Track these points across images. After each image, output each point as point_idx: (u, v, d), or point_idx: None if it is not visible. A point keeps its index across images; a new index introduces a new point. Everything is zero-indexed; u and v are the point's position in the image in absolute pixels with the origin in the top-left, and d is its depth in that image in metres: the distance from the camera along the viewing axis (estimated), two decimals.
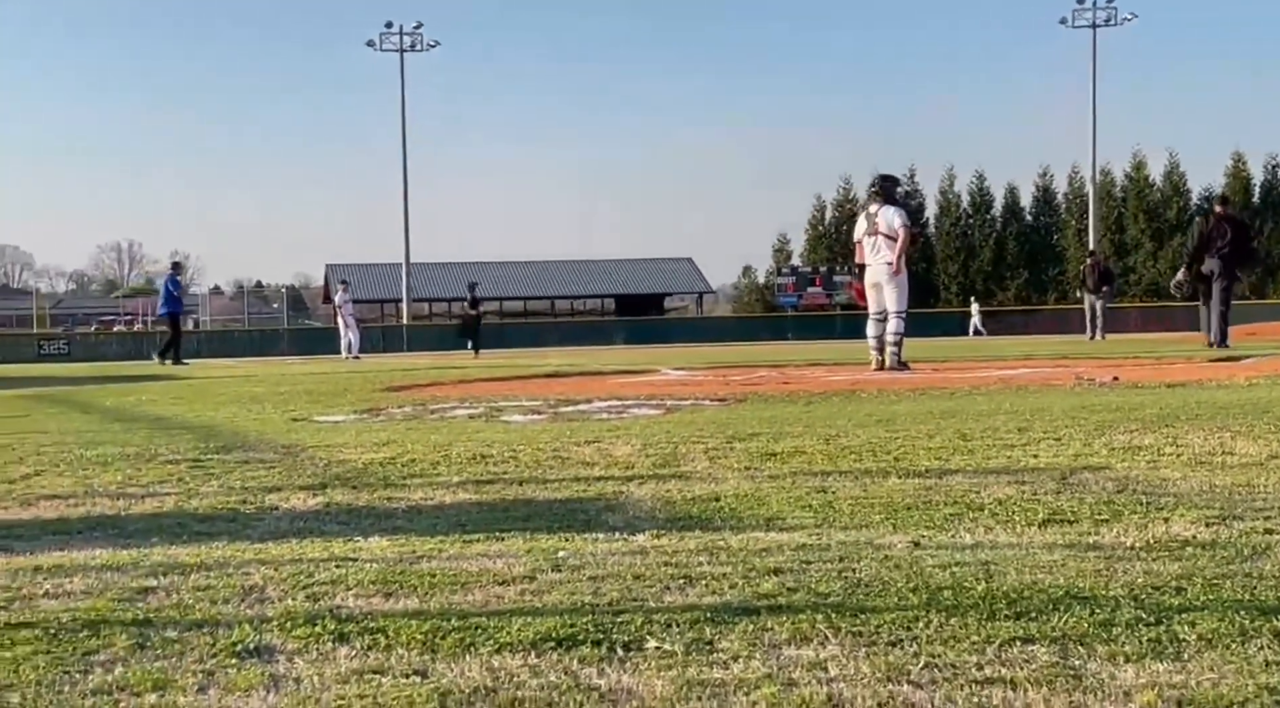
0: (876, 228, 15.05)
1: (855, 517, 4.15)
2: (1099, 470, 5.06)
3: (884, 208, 15.12)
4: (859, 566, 3.34)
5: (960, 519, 4.04)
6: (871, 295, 15.17)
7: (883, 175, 15.66)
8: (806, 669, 2.43)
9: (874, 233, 15.08)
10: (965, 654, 2.49)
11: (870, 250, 15.13)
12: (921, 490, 4.65)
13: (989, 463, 5.39)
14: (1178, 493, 4.46)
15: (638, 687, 2.36)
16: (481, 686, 2.39)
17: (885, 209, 15.10)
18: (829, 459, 5.63)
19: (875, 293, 15.10)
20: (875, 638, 2.62)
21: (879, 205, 15.20)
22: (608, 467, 5.65)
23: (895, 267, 14.84)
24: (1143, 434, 6.23)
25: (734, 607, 2.92)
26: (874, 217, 15.12)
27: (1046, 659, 2.45)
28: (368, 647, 2.69)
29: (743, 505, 4.47)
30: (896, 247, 14.86)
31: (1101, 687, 2.28)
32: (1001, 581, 3.11)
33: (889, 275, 14.89)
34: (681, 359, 21.95)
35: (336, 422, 9.07)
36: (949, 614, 2.77)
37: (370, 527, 4.25)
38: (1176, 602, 2.86)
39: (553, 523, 4.19)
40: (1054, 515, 4.05)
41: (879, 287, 15.04)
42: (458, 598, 3.13)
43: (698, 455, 5.89)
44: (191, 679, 2.49)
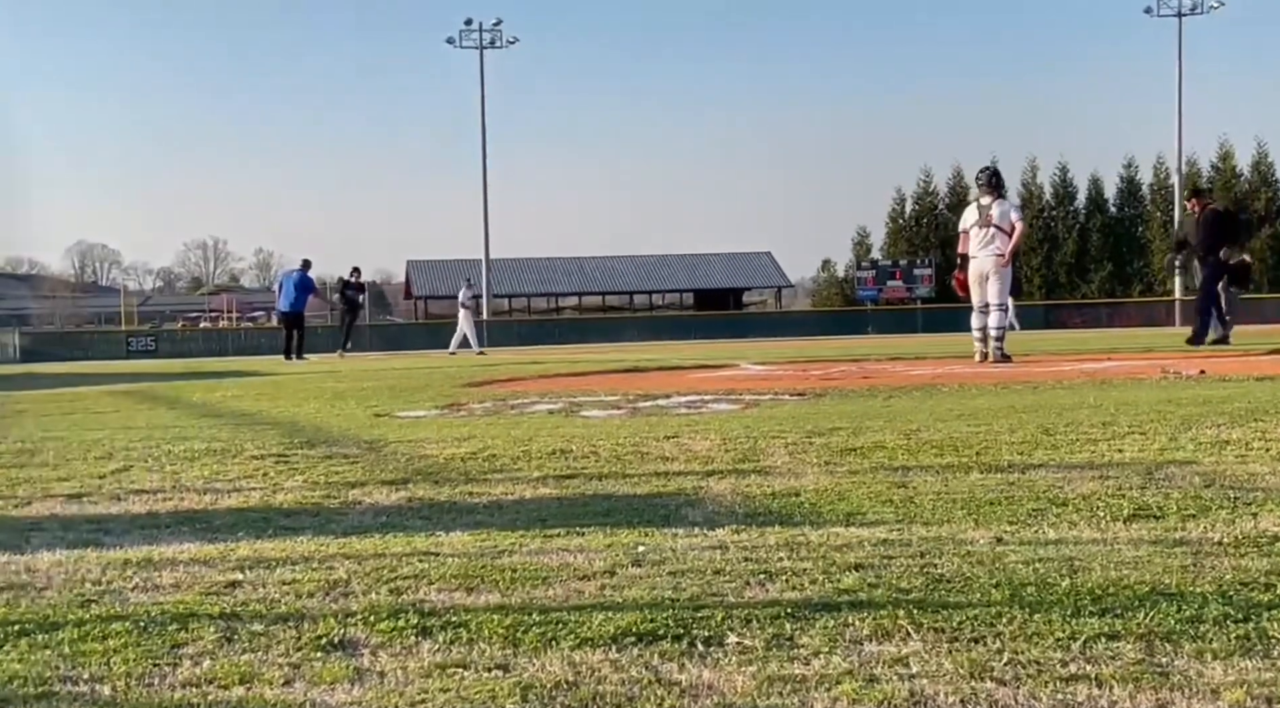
0: (990, 219, 14.98)
1: (936, 512, 4.12)
2: (1185, 465, 4.99)
3: (998, 201, 15.14)
4: (940, 561, 3.32)
5: (1043, 515, 4.01)
6: (977, 287, 15.14)
7: (993, 168, 15.68)
8: (888, 665, 2.42)
9: (986, 224, 15.01)
10: (1049, 651, 2.47)
11: (979, 242, 15.07)
12: (1004, 486, 4.61)
13: (1073, 458, 5.33)
14: (1266, 488, 4.39)
15: (718, 682, 2.36)
16: (563, 680, 2.40)
17: (1000, 202, 15.14)
18: (909, 454, 5.59)
19: (981, 285, 15.07)
20: (958, 634, 2.61)
21: (991, 197, 15.15)
22: (687, 462, 5.65)
23: (1005, 259, 14.88)
24: (1230, 428, 6.13)
25: (814, 602, 2.92)
26: (987, 208, 15.05)
27: (1132, 656, 2.42)
28: (450, 641, 2.71)
29: (822, 501, 4.45)
30: (1012, 240, 14.89)
31: (1189, 684, 2.25)
32: (1086, 577, 3.07)
33: (997, 267, 14.88)
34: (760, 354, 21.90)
35: (418, 417, 9.14)
36: (1032, 611, 2.75)
37: (452, 521, 4.29)
38: (1266, 599, 2.81)
39: (632, 518, 4.21)
40: (1140, 511, 4.00)
41: (985, 278, 15.00)
42: (538, 593, 3.15)
43: (777, 450, 5.88)
44: (278, 673, 2.53)
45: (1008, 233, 14.88)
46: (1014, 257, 15.15)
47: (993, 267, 14.90)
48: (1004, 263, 14.88)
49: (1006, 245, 14.86)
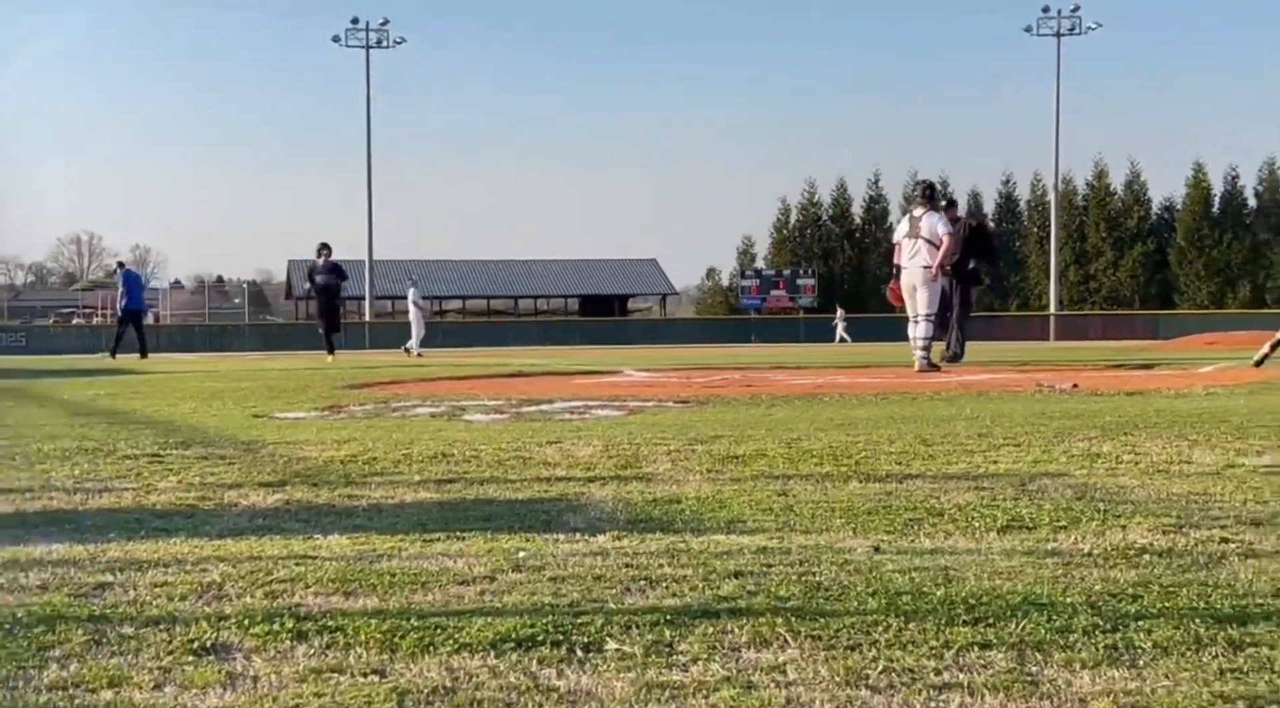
0: (918, 231, 15.51)
1: (816, 521, 4.16)
2: (1058, 477, 5.09)
3: (928, 213, 15.61)
4: (819, 570, 3.35)
5: (920, 525, 4.06)
6: (909, 299, 15.66)
7: (929, 182, 16.44)
8: (765, 673, 2.44)
9: (915, 236, 15.55)
10: (923, 659, 2.50)
11: (908, 253, 15.61)
12: (882, 495, 4.67)
13: (949, 468, 5.42)
14: (1135, 501, 4.50)
15: (597, 688, 2.36)
16: (440, 686, 2.38)
17: (930, 215, 15.59)
18: (790, 463, 5.64)
19: (911, 295, 15.59)
20: (834, 642, 2.63)
21: (924, 210, 15.69)
22: (569, 467, 5.64)
23: (933, 272, 15.36)
24: (1101, 442, 6.27)
25: (694, 609, 2.93)
26: (917, 220, 15.60)
27: (1004, 665, 2.46)
28: (326, 645, 2.68)
29: (704, 508, 4.47)
30: (939, 253, 15.36)
31: (1058, 693, 2.29)
32: (960, 586, 3.12)
33: (924, 279, 15.38)
34: (645, 360, 21.96)
35: (297, 418, 9.03)
36: (908, 619, 2.79)
37: (330, 525, 4.24)
38: (1133, 609, 2.88)
39: (514, 523, 4.19)
40: (1013, 522, 4.07)
41: (914, 289, 15.52)
42: (417, 598, 3.12)
43: (660, 457, 5.90)
44: (147, 676, 2.48)
45: (936, 246, 15.34)
46: (941, 269, 15.60)
47: (920, 279, 15.39)
48: (931, 276, 15.35)
49: (934, 258, 15.34)
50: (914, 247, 15.54)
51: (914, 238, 15.57)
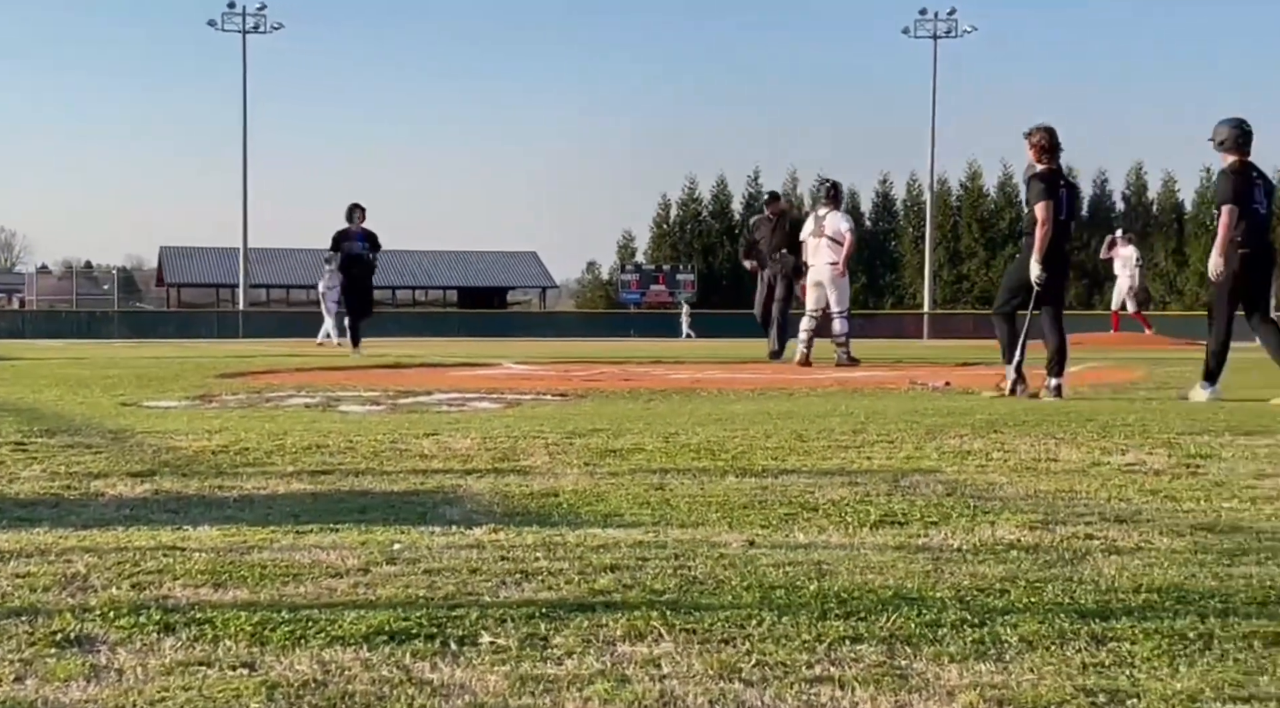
0: (823, 230, 15.93)
1: (692, 515, 4.18)
2: (930, 474, 5.17)
3: (832, 212, 16.09)
4: (694, 564, 3.37)
5: (795, 519, 4.10)
6: (811, 294, 16.08)
7: (833, 181, 16.80)
8: (640, 666, 2.44)
9: (819, 235, 15.97)
10: (796, 653, 2.52)
11: (813, 251, 16.03)
12: (758, 490, 4.71)
13: (824, 464, 5.48)
14: (1004, 497, 4.59)
15: (471, 682, 2.35)
16: (311, 679, 2.35)
17: (833, 214, 16.06)
18: (667, 457, 5.66)
19: (816, 292, 16.03)
20: (709, 636, 2.65)
21: (828, 209, 16.18)
22: (446, 460, 5.61)
23: (840, 268, 15.76)
24: (972, 439, 6.38)
25: (569, 603, 2.93)
26: (821, 219, 16.03)
27: (874, 659, 2.49)
28: (194, 638, 2.63)
29: (581, 502, 4.47)
30: (843, 250, 15.77)
31: (926, 686, 2.33)
32: (833, 581, 3.16)
33: (832, 276, 15.79)
34: (523, 353, 21.90)
35: (167, 407, 8.86)
36: (781, 613, 2.81)
37: (200, 516, 4.16)
38: (1000, 604, 2.93)
39: (388, 515, 4.15)
40: (886, 517, 4.13)
41: (821, 286, 15.95)
42: (289, 590, 3.09)
43: (537, 451, 5.88)
44: (8, 669, 2.41)
45: (839, 243, 15.78)
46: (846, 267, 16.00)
47: (828, 276, 15.84)
48: (839, 272, 15.77)
49: (838, 255, 15.75)
50: (818, 245, 15.96)
51: (819, 236, 15.97)
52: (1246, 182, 9.92)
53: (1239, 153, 9.97)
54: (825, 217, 16.02)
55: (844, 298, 16.02)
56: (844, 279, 16.01)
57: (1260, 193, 9.97)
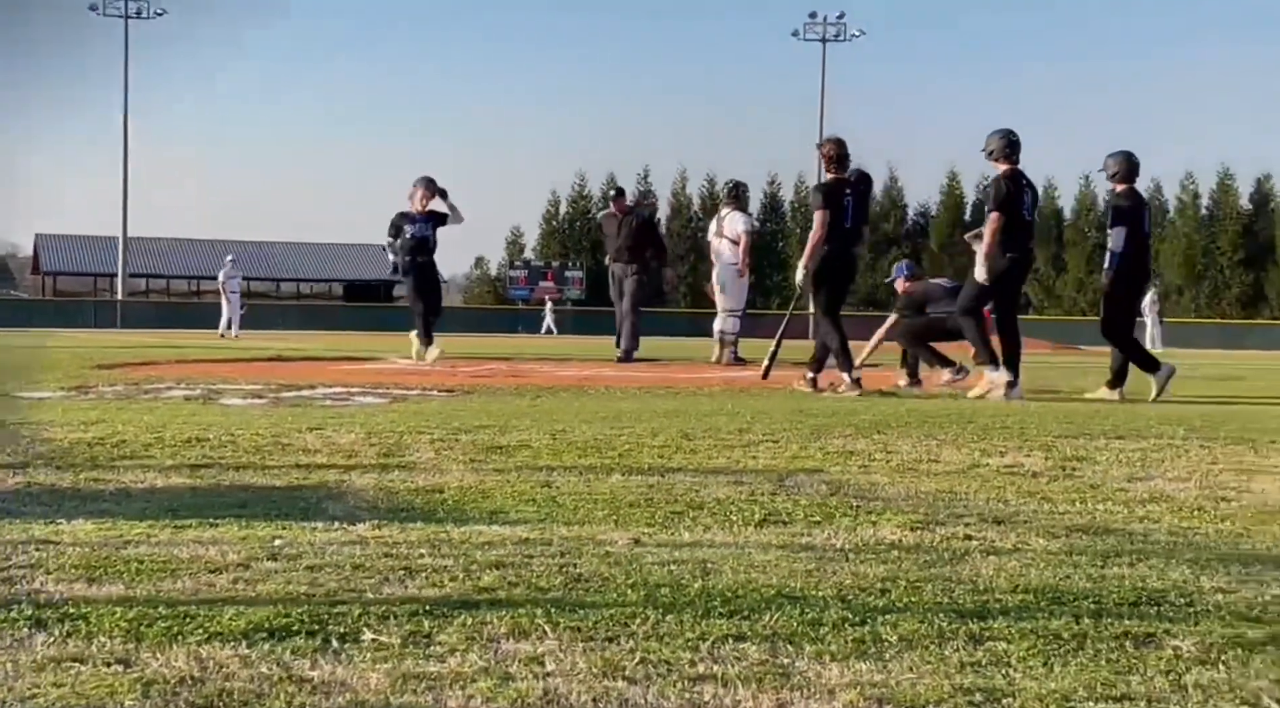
0: (723, 231, 16.13)
1: (578, 512, 4.18)
2: (814, 473, 5.22)
3: (733, 213, 16.19)
4: (580, 561, 3.37)
5: (680, 518, 4.12)
6: (716, 294, 16.26)
7: (736, 182, 16.88)
8: (524, 664, 2.43)
9: (720, 235, 16.19)
10: (680, 651, 2.53)
11: (715, 252, 16.34)
12: (644, 488, 4.72)
13: (710, 463, 5.51)
14: (886, 498, 4.64)
15: (352, 679, 2.32)
16: (188, 676, 2.31)
17: (734, 214, 16.17)
18: (554, 454, 5.66)
19: (718, 291, 16.17)
20: (593, 634, 2.65)
21: (729, 210, 16.30)
22: (330, 455, 5.55)
23: (740, 268, 15.87)
24: (856, 439, 6.46)
25: (453, 600, 2.91)
26: (722, 220, 16.22)
27: (757, 657, 2.51)
28: (67, 634, 2.58)
29: (466, 498, 4.45)
30: (739, 250, 15.85)
31: (808, 685, 2.35)
32: (718, 579, 3.18)
33: (731, 276, 15.94)
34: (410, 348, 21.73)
35: (41, 398, 8.66)
36: (666, 611, 2.82)
37: (74, 509, 4.07)
38: (881, 603, 2.97)
39: (270, 510, 4.10)
40: (770, 516, 4.16)
41: (723, 286, 16.08)
42: (166, 585, 3.03)
43: (423, 446, 5.84)
44: None
45: (736, 243, 15.93)
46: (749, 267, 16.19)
47: (727, 276, 16.00)
48: (739, 272, 15.90)
49: (737, 255, 15.89)
50: (719, 245, 16.17)
51: (720, 237, 16.18)
52: (1017, 189, 10.57)
53: (1008, 161, 10.63)
54: (726, 217, 16.15)
55: (737, 298, 16.12)
56: (742, 280, 16.10)
57: (1028, 200, 10.69)
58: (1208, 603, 3.03)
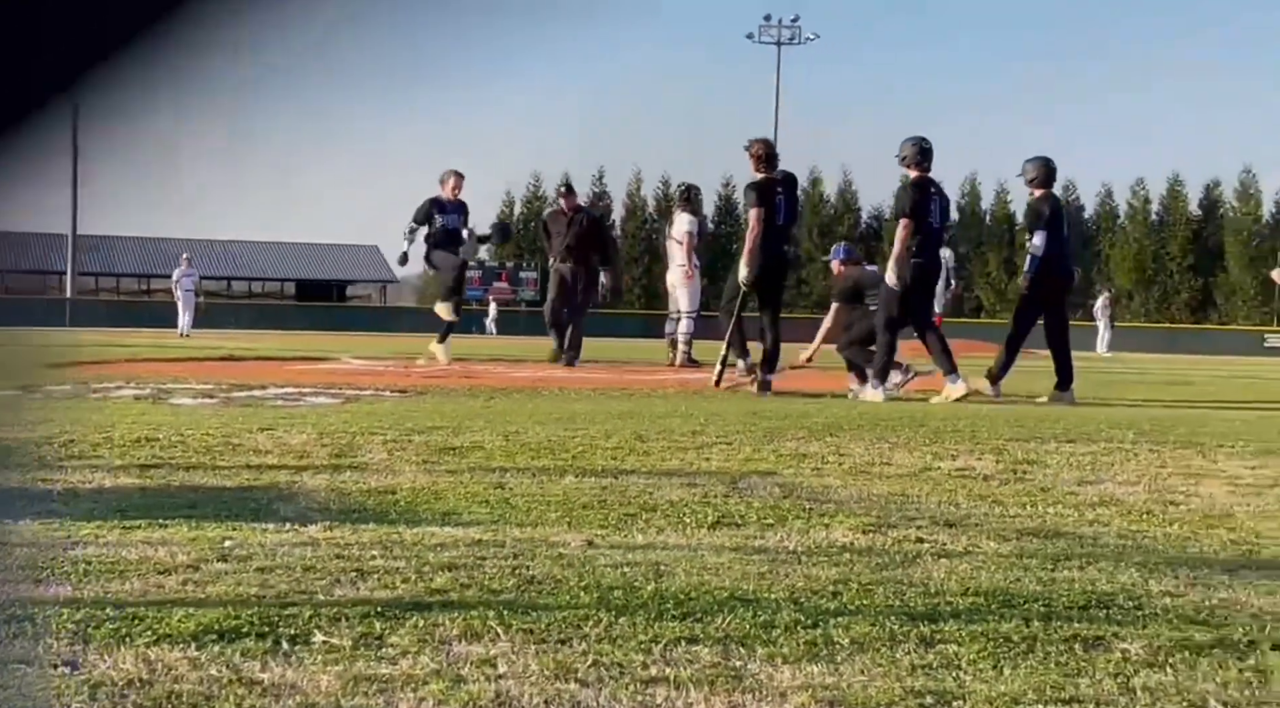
0: (671, 233, 16.43)
1: (531, 514, 4.17)
2: (767, 476, 5.23)
3: (680, 215, 16.44)
4: (533, 563, 3.36)
5: (634, 520, 4.12)
6: (670, 296, 16.58)
7: (688, 185, 16.97)
8: (476, 666, 2.43)
9: (670, 238, 16.48)
10: (632, 654, 2.53)
11: (668, 254, 16.67)
12: (597, 490, 4.71)
13: (663, 465, 5.51)
14: (839, 500, 4.66)
15: (302, 682, 2.31)
16: (136, 678, 2.29)
17: (681, 216, 16.40)
18: (507, 456, 5.64)
19: (671, 294, 16.47)
20: (545, 636, 2.64)
21: (679, 211, 16.57)
22: (281, 455, 5.51)
23: (686, 270, 16.00)
24: (809, 442, 6.47)
25: (405, 602, 2.90)
26: (672, 222, 16.57)
27: (709, 660, 2.51)
28: (13, 635, 2.55)
29: (419, 499, 4.43)
30: (682, 251, 16.05)
31: (760, 687, 2.35)
32: (670, 581, 3.18)
33: (680, 278, 16.09)
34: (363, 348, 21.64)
35: None
36: (618, 614, 2.82)
37: (21, 510, 4.03)
38: (833, 606, 2.98)
39: (220, 511, 4.07)
40: (723, 519, 4.17)
41: (674, 288, 16.33)
42: (114, 587, 3.00)
43: (375, 447, 5.82)
44: None
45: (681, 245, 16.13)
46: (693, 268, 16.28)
47: (677, 278, 16.20)
48: (686, 275, 16.04)
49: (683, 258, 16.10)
50: (670, 248, 16.42)
51: (669, 239, 16.44)
52: (924, 196, 10.79)
53: (919, 168, 10.85)
54: (674, 219, 16.41)
55: (690, 300, 16.19)
56: (691, 281, 16.16)
57: (936, 207, 10.90)
58: (1156, 606, 3.06)
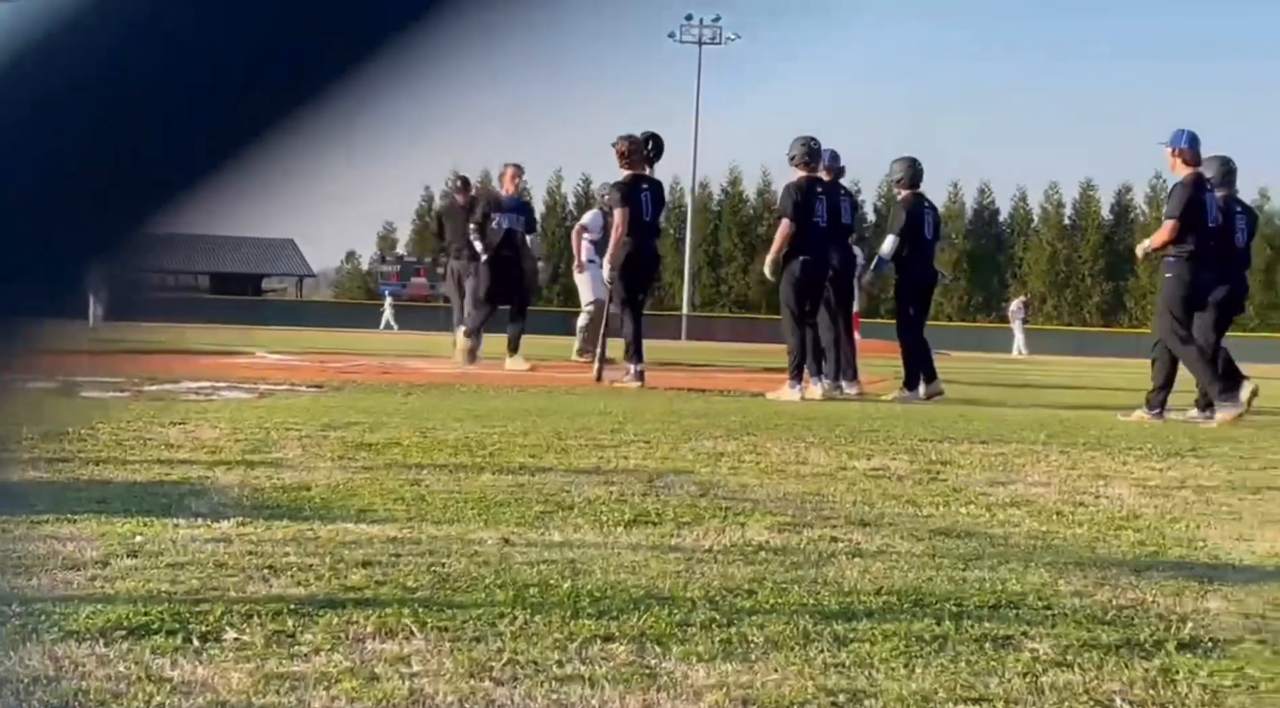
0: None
1: (448, 512, 4.15)
2: (684, 475, 5.25)
3: (591, 210, 16.65)
4: (448, 561, 3.34)
5: (551, 518, 4.11)
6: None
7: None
8: (390, 664, 2.41)
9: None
10: (548, 652, 2.53)
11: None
12: (514, 487, 4.70)
13: (581, 463, 5.50)
14: (755, 499, 4.68)
15: (213, 679, 2.28)
16: (42, 675, 2.26)
17: (590, 212, 16.60)
18: (424, 452, 5.61)
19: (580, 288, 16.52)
20: (461, 634, 2.63)
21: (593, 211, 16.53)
22: (193, 450, 5.45)
23: (578, 265, 15.95)
24: (726, 441, 6.50)
25: (319, 599, 2.87)
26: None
27: (624, 658, 2.51)
28: None
29: (334, 496, 4.40)
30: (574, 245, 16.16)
31: (674, 685, 2.36)
32: (587, 579, 3.17)
33: (578, 271, 16.10)
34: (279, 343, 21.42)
35: None
36: (534, 612, 2.81)
37: None
38: (748, 604, 2.99)
39: (130, 506, 4.01)
40: (640, 517, 4.17)
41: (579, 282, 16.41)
42: (20, 582, 2.96)
43: (290, 443, 5.76)
44: None
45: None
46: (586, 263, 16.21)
47: (577, 271, 16.27)
48: (578, 267, 16.00)
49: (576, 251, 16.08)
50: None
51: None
52: (809, 196, 10.95)
53: (806, 168, 11.05)
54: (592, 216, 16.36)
55: (590, 292, 16.13)
56: (583, 274, 16.08)
57: (822, 207, 11.05)
58: (1064, 606, 3.10)
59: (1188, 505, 4.94)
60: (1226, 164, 10.47)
